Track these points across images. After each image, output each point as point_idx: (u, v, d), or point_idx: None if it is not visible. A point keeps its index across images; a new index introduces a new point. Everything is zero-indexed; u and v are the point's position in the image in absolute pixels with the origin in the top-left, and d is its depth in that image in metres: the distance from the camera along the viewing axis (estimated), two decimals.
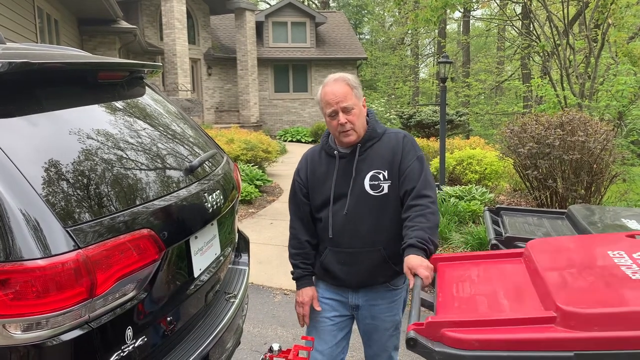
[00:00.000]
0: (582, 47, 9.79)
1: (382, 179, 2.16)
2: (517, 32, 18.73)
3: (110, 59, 2.29)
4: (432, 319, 1.46)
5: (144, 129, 2.07)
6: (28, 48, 2.17)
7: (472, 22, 26.99)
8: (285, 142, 17.89)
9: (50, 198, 1.45)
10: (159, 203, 1.80)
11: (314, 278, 2.37)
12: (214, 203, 2.16)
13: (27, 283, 1.36)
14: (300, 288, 2.32)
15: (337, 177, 2.21)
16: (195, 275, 2.04)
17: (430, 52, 33.76)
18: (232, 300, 2.37)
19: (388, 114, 17.04)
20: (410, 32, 28.42)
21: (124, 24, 13.64)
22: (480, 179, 8.06)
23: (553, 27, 9.14)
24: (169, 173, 2.01)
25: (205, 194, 2.11)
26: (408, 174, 2.14)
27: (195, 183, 2.10)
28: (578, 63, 9.34)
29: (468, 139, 12.94)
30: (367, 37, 35.59)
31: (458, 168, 8.30)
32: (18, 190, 1.40)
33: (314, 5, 32.61)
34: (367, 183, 2.16)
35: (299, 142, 18.89)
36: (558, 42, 9.06)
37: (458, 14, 22.87)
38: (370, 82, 30.99)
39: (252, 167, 9.33)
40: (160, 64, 2.50)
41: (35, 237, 1.38)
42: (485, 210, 3.03)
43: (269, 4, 30.59)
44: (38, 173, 1.47)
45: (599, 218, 2.76)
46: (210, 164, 2.35)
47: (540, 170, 5.96)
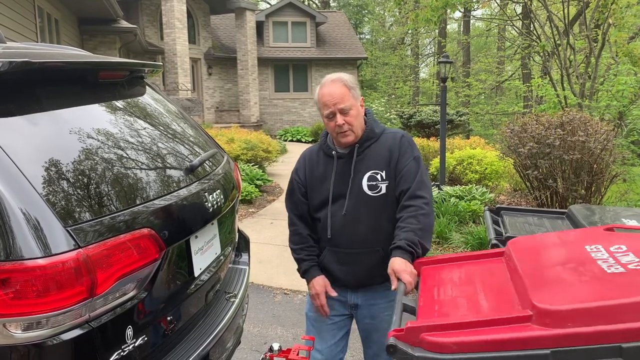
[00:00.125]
0: (582, 47, 9.79)
1: (379, 180, 2.15)
2: (517, 32, 18.72)
3: (111, 59, 2.28)
4: (411, 324, 1.45)
5: (145, 129, 2.07)
6: (28, 47, 2.18)
7: (472, 22, 27.00)
8: (286, 141, 17.92)
9: (51, 197, 1.45)
10: (160, 202, 1.80)
11: None
12: (215, 202, 2.16)
13: (27, 282, 1.36)
14: (311, 279, 2.27)
15: (335, 177, 2.20)
16: (196, 275, 2.04)
17: (431, 52, 33.78)
18: (232, 300, 2.37)
19: (388, 114, 17.05)
20: (411, 32, 28.43)
21: (125, 24, 13.64)
22: (481, 179, 8.06)
23: (553, 27, 9.14)
24: (170, 172, 2.01)
25: (206, 194, 2.11)
26: (404, 174, 2.13)
27: (196, 182, 2.09)
28: (578, 63, 9.34)
29: (468, 139, 12.93)
30: (367, 36, 35.58)
31: (458, 168, 8.30)
32: (18, 190, 1.40)
33: (315, 5, 32.61)
34: (365, 183, 2.16)
35: (299, 141, 18.90)
36: (558, 42, 9.06)
37: (458, 14, 22.90)
38: (371, 81, 30.98)
39: (252, 166, 9.34)
40: (161, 64, 2.50)
41: (36, 236, 1.37)
42: (486, 210, 3.03)
43: (270, 4, 30.59)
44: (38, 172, 1.47)
45: (599, 218, 2.76)
46: (211, 164, 2.35)
47: (541, 170, 5.96)
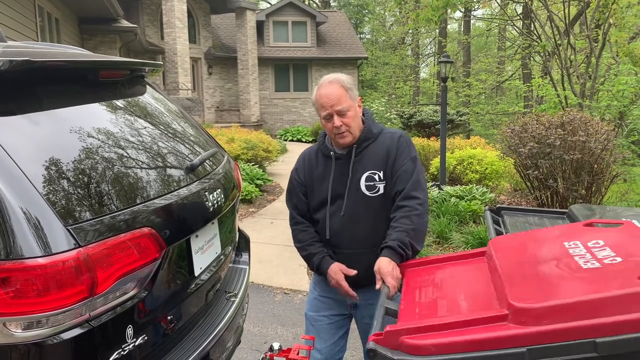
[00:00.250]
0: (583, 47, 9.79)
1: (377, 180, 2.15)
2: (517, 32, 18.72)
3: (111, 58, 2.28)
4: (390, 328, 1.45)
5: (145, 128, 2.07)
6: (29, 46, 2.17)
7: (472, 21, 26.98)
8: (286, 141, 17.92)
9: (51, 196, 1.45)
10: (160, 202, 1.80)
11: (312, 276, 2.37)
12: (215, 202, 2.16)
13: (27, 281, 1.36)
14: (327, 270, 2.19)
15: (333, 178, 2.20)
16: (196, 274, 2.04)
17: (431, 51, 33.75)
18: (232, 299, 2.37)
19: (389, 114, 17.01)
20: (411, 31, 28.40)
21: (125, 23, 13.64)
22: (481, 179, 8.06)
23: (554, 27, 9.14)
24: (170, 172, 2.01)
25: (206, 193, 2.11)
26: (400, 175, 2.13)
27: (196, 182, 2.09)
28: (579, 63, 9.34)
29: (469, 139, 12.92)
30: (367, 36, 35.57)
31: (459, 168, 8.30)
32: (19, 189, 1.40)
33: (315, 5, 32.62)
34: (363, 184, 2.16)
35: (300, 141, 18.90)
36: (559, 42, 9.05)
37: (459, 14, 22.85)
38: (371, 81, 30.97)
39: (252, 166, 9.34)
40: (161, 63, 2.49)
41: (36, 235, 1.37)
42: (486, 210, 3.03)
43: (270, 3, 30.59)
44: (39, 171, 1.47)
45: (600, 218, 2.76)
46: (211, 163, 2.35)
47: (541, 170, 5.96)
